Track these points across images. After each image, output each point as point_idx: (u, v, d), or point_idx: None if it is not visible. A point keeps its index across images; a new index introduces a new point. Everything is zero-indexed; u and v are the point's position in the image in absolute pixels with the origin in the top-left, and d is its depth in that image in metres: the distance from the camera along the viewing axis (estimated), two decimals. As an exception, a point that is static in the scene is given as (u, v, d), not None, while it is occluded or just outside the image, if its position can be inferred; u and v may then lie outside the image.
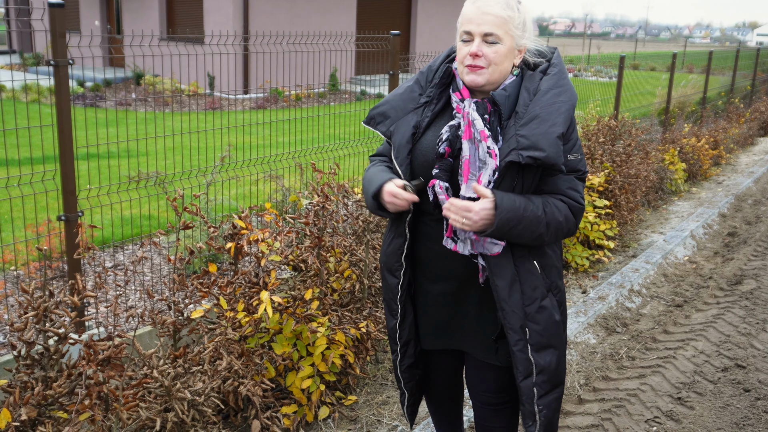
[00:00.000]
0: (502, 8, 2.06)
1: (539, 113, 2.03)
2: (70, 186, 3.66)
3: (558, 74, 2.12)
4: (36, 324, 2.57)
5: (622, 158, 6.41)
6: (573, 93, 2.10)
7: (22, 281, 4.34)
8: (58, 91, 3.60)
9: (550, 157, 1.98)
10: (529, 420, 2.25)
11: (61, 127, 3.61)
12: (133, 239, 5.78)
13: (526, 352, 2.16)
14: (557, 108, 2.04)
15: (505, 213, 2.00)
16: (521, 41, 2.12)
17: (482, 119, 2.07)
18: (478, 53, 2.07)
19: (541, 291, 2.16)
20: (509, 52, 2.10)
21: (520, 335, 2.15)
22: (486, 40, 2.07)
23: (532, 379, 2.19)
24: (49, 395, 2.56)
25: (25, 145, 8.74)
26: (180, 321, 3.19)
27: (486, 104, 2.10)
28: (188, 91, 13.55)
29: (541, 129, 2.01)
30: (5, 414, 2.30)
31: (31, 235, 5.17)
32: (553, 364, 2.21)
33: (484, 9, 2.07)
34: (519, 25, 2.09)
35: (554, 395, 2.27)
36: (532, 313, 2.15)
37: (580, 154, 2.14)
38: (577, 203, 2.13)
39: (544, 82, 2.10)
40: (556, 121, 2.02)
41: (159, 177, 5.48)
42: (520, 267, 2.14)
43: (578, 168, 2.13)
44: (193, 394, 2.86)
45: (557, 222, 2.09)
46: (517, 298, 2.13)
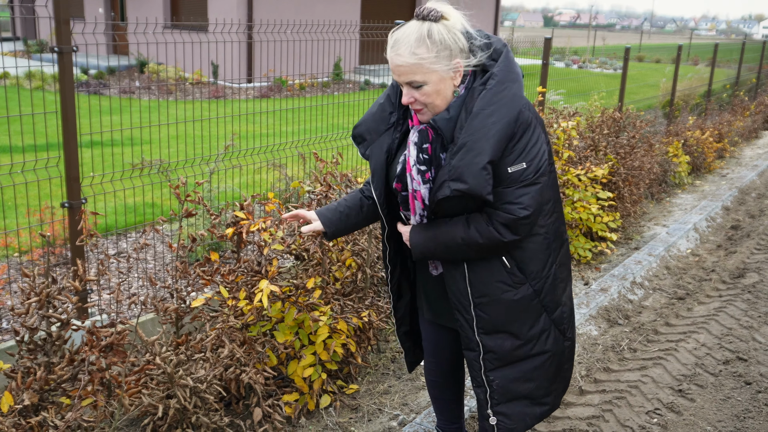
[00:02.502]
0: (410, 54, 2.00)
1: (467, 141, 2.00)
2: (74, 173, 3.66)
3: (495, 87, 2.03)
4: (39, 310, 2.58)
5: (626, 150, 6.40)
6: (511, 105, 2.01)
7: (25, 267, 4.35)
8: (62, 78, 3.59)
9: (472, 190, 2.00)
10: (475, 382, 2.34)
11: (65, 114, 3.61)
12: (136, 227, 5.78)
13: (470, 333, 2.26)
14: (485, 133, 1.99)
15: (417, 248, 2.22)
16: (449, 65, 2.04)
17: (421, 150, 2.10)
18: (410, 101, 2.08)
19: (499, 287, 2.19)
20: (440, 85, 2.05)
21: (458, 318, 2.27)
22: (412, 87, 2.06)
23: (478, 355, 2.27)
24: (51, 380, 2.57)
25: (28, 132, 8.74)
26: (182, 309, 3.20)
27: (427, 132, 2.11)
28: (192, 80, 13.53)
29: (467, 159, 1.99)
30: (7, 398, 2.31)
31: (34, 221, 5.18)
32: (506, 346, 2.25)
33: (396, 62, 2.04)
34: (438, 57, 2.01)
35: (516, 368, 2.29)
36: (481, 303, 2.21)
37: (526, 163, 2.04)
38: (511, 216, 2.07)
39: (478, 101, 2.03)
40: (482, 149, 1.98)
41: (162, 165, 5.49)
42: (474, 264, 2.19)
43: (523, 177, 2.05)
44: (195, 381, 2.87)
45: (477, 245, 2.12)
46: (460, 286, 2.22)
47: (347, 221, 2.46)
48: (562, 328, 2.37)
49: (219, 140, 6.64)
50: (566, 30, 76.93)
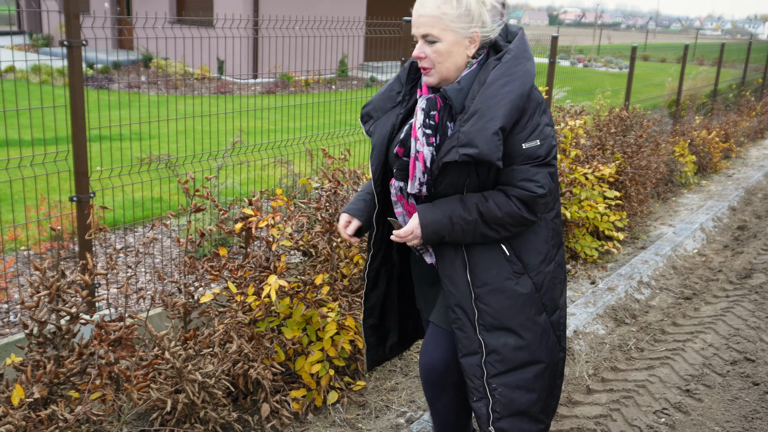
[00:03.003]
0: (435, 6, 2.06)
1: (479, 108, 2.02)
2: (83, 167, 3.66)
3: (510, 61, 2.07)
4: (48, 303, 2.58)
5: (633, 149, 6.38)
6: (524, 79, 2.06)
7: (33, 260, 4.35)
8: (71, 72, 3.59)
9: (483, 154, 1.99)
10: (474, 395, 2.24)
11: (74, 108, 3.61)
12: (143, 222, 5.79)
13: (470, 331, 2.20)
14: (499, 100, 2.01)
15: (429, 227, 2.13)
16: (468, 31, 2.09)
17: (427, 116, 2.10)
18: (420, 55, 2.11)
19: (501, 274, 2.17)
20: (453, 47, 2.08)
21: (458, 315, 2.21)
22: (426, 41, 2.09)
23: (480, 357, 2.21)
24: (61, 373, 2.57)
25: (36, 126, 8.74)
26: (190, 303, 3.20)
27: (436, 100, 2.12)
28: (197, 75, 13.53)
29: (479, 125, 2.00)
30: (18, 391, 2.31)
31: (41, 215, 5.19)
32: (510, 345, 2.20)
33: (419, 11, 2.09)
34: (459, 17, 2.06)
35: (519, 376, 2.23)
36: (482, 294, 2.17)
37: (539, 140, 2.09)
38: (529, 192, 2.09)
39: (493, 72, 2.07)
40: (494, 114, 2.00)
41: (169, 160, 5.49)
42: (473, 251, 2.18)
43: (537, 154, 2.08)
44: (203, 376, 2.87)
45: (497, 219, 2.10)
46: (460, 279, 2.19)
47: (373, 204, 2.42)
48: (558, 335, 2.34)
49: (225, 136, 6.64)
50: (571, 28, 76.82)
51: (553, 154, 2.12)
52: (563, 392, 3.47)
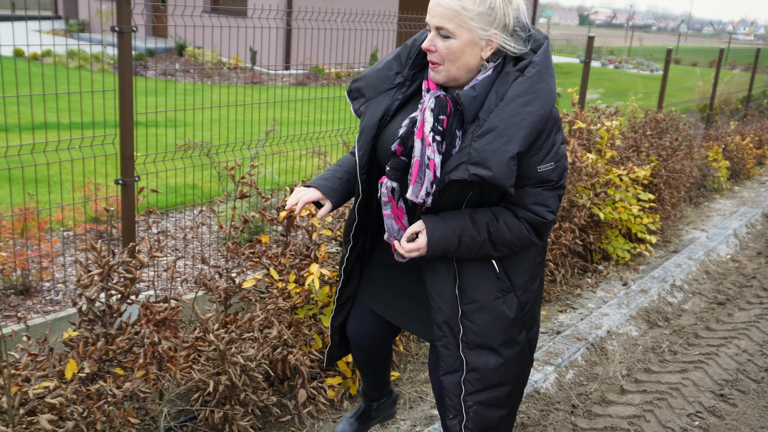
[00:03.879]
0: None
1: (498, 125, 1.85)
2: (129, 151, 3.72)
3: (534, 76, 1.89)
4: (100, 282, 2.64)
5: (668, 153, 6.35)
6: (547, 99, 1.89)
7: (90, 239, 4.45)
8: (120, 57, 3.65)
9: (496, 179, 1.84)
10: (450, 413, 2.18)
11: (122, 93, 3.67)
12: (177, 207, 5.87)
13: (453, 348, 2.11)
14: (519, 121, 1.84)
15: (437, 245, 1.97)
16: (485, 33, 1.90)
17: (437, 120, 1.91)
18: (430, 48, 1.93)
19: (490, 292, 2.06)
20: (467, 47, 1.90)
21: (444, 332, 2.10)
22: (440, 34, 1.91)
23: (460, 375, 2.13)
24: (110, 350, 2.63)
25: (74, 110, 8.88)
26: (231, 288, 3.25)
27: (447, 102, 1.93)
28: (230, 65, 13.63)
29: (495, 145, 1.85)
30: (72, 365, 2.38)
31: (81, 197, 5.28)
32: (490, 364, 2.10)
33: (438, 0, 1.90)
34: (480, 16, 1.88)
35: (493, 394, 2.15)
36: (469, 311, 2.07)
37: (554, 163, 1.94)
38: (540, 218, 1.97)
39: (515, 85, 1.89)
40: (513, 137, 1.84)
41: (206, 147, 5.56)
42: (464, 266, 2.06)
43: (549, 179, 1.95)
44: (245, 359, 2.93)
45: (505, 241, 1.99)
46: (448, 294, 2.07)
47: (348, 187, 2.25)
48: (531, 349, 2.26)
49: (258, 126, 6.70)
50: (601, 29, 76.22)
51: (565, 176, 1.99)
52: (597, 391, 3.48)
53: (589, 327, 4.06)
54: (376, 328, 2.44)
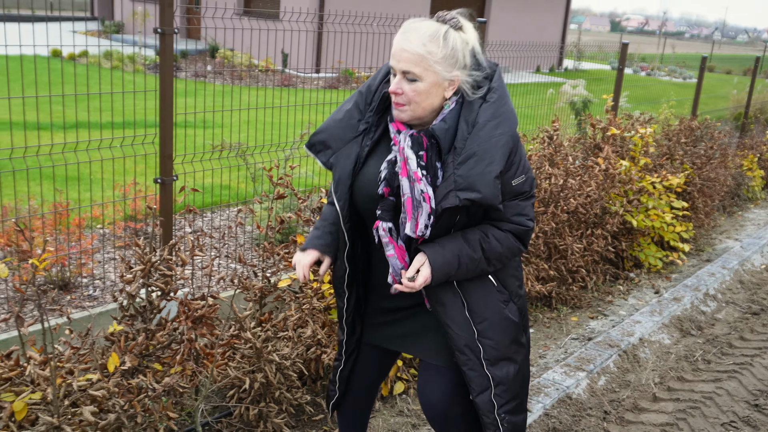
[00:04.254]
0: (422, 44, 1.96)
1: (476, 150, 1.97)
2: (168, 150, 3.79)
3: (497, 101, 2.02)
4: (142, 278, 2.70)
5: (702, 161, 6.30)
6: (512, 120, 2.03)
7: (134, 237, 4.53)
8: (162, 59, 3.73)
9: (486, 198, 1.96)
10: (489, 429, 2.24)
11: (163, 94, 3.74)
12: (209, 207, 5.95)
13: (479, 368, 2.17)
14: (495, 143, 1.97)
15: (440, 271, 2.04)
16: (449, 74, 2.00)
17: (417, 156, 2.01)
18: (397, 91, 2.01)
19: (495, 306, 2.17)
20: (432, 88, 2.00)
21: (468, 355, 2.16)
22: (406, 77, 2.00)
23: (490, 392, 2.20)
24: (150, 345, 2.69)
25: (107, 110, 9.03)
26: (267, 287, 3.30)
27: (422, 138, 2.02)
28: (262, 67, 13.75)
29: (478, 169, 1.96)
30: (114, 359, 2.44)
31: (118, 196, 5.38)
32: (511, 373, 2.22)
33: (404, 45, 1.98)
34: (444, 59, 1.98)
35: (518, 401, 2.27)
36: (483, 330, 2.15)
37: (524, 176, 2.08)
38: (522, 227, 2.11)
39: (482, 112, 2.01)
40: (493, 158, 1.96)
41: (241, 148, 5.63)
42: (469, 288, 2.15)
43: (523, 190, 2.09)
44: (280, 358, 2.97)
45: (498, 254, 2.10)
46: (462, 319, 2.15)
47: (338, 238, 2.28)
48: (528, 350, 2.36)
49: (290, 128, 6.77)
50: (633, 36, 75.52)
51: (534, 186, 2.15)
52: (629, 398, 3.47)
53: (621, 334, 4.05)
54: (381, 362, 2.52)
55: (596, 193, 4.73)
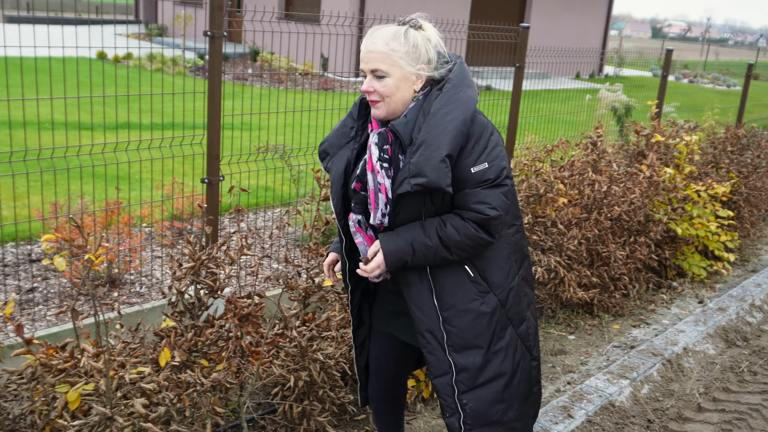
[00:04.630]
0: (385, 43, 2.14)
1: (425, 138, 2.08)
2: (215, 151, 3.85)
3: (451, 90, 2.14)
4: (192, 275, 2.75)
5: (749, 169, 6.20)
6: (466, 105, 2.12)
7: (187, 236, 4.62)
8: (211, 61, 3.79)
9: (432, 182, 2.05)
10: (447, 412, 2.30)
11: (211, 95, 3.80)
12: (250, 208, 6.02)
13: (440, 353, 2.24)
14: (443, 129, 2.07)
15: (392, 256, 2.17)
16: (413, 68, 2.16)
17: (381, 151, 2.16)
18: (368, 89, 2.17)
19: (467, 295, 2.22)
20: (400, 82, 2.15)
21: (428, 339, 2.25)
22: (375, 75, 2.16)
23: (451, 377, 2.25)
24: (199, 342, 2.74)
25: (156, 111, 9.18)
26: (311, 287, 3.34)
27: (387, 134, 2.17)
28: (302, 71, 13.87)
29: (426, 154, 2.06)
30: (166, 354, 2.49)
31: (162, 195, 5.47)
32: (477, 362, 2.24)
33: (369, 47, 2.16)
34: (407, 54, 2.14)
35: (488, 390, 2.27)
36: (449, 317, 2.22)
37: (488, 163, 2.13)
38: (482, 215, 2.13)
39: (435, 102, 2.13)
40: (440, 143, 2.06)
41: (283, 150, 5.69)
42: (439, 275, 2.22)
43: (486, 178, 2.13)
44: (324, 357, 3.00)
45: (456, 242, 2.15)
46: (427, 305, 2.23)
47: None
48: (528, 345, 2.38)
49: (329, 131, 6.82)
50: (675, 42, 74.44)
51: (504, 175, 2.16)
52: (673, 407, 3.44)
53: (664, 343, 4.00)
54: (394, 350, 2.54)
55: (640, 201, 4.68)
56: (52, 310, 4.00)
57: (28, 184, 4.30)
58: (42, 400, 2.50)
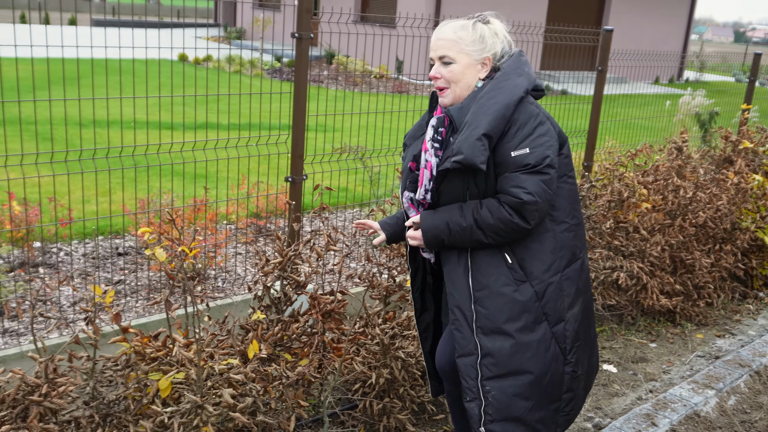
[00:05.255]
0: (453, 32, 2.28)
1: (469, 119, 2.20)
2: (299, 151, 3.94)
3: (500, 77, 2.26)
4: (280, 271, 2.82)
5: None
6: (512, 91, 2.21)
7: (276, 232, 4.74)
8: (298, 61, 3.87)
9: (466, 158, 2.14)
10: (467, 395, 2.31)
11: (297, 96, 3.89)
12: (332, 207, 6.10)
13: (467, 332, 2.28)
14: (485, 110, 2.17)
15: (429, 232, 2.29)
16: (481, 55, 2.28)
17: (436, 132, 2.30)
18: (436, 75, 2.30)
19: (501, 280, 2.25)
20: (467, 69, 2.28)
21: (457, 315, 2.30)
22: (443, 62, 2.29)
23: (476, 359, 2.27)
24: (285, 336, 2.81)
25: (224, 111, 9.42)
26: (392, 286, 3.37)
27: (444, 118, 2.30)
28: (377, 74, 13.99)
29: (466, 133, 2.17)
30: (254, 346, 2.56)
31: (243, 194, 5.61)
32: (505, 349, 2.25)
33: (438, 35, 2.30)
34: (473, 42, 2.27)
35: (514, 382, 2.26)
36: (481, 297, 2.26)
37: (529, 149, 2.18)
38: (516, 199, 2.17)
39: (484, 88, 2.26)
40: (479, 123, 2.16)
41: (361, 152, 5.76)
42: (477, 255, 2.28)
43: (525, 162, 2.17)
44: (405, 355, 3.03)
45: (490, 225, 2.20)
46: (461, 282, 2.29)
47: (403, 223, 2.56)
48: (563, 347, 2.33)
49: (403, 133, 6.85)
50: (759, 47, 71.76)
51: (545, 163, 2.19)
52: (762, 420, 3.33)
53: (752, 354, 3.88)
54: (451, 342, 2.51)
55: (727, 208, 4.55)
56: (139, 302, 4.16)
57: (110, 181, 4.48)
58: (135, 387, 2.61)
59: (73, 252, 4.78)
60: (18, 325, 3.79)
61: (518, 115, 2.20)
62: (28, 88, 10.17)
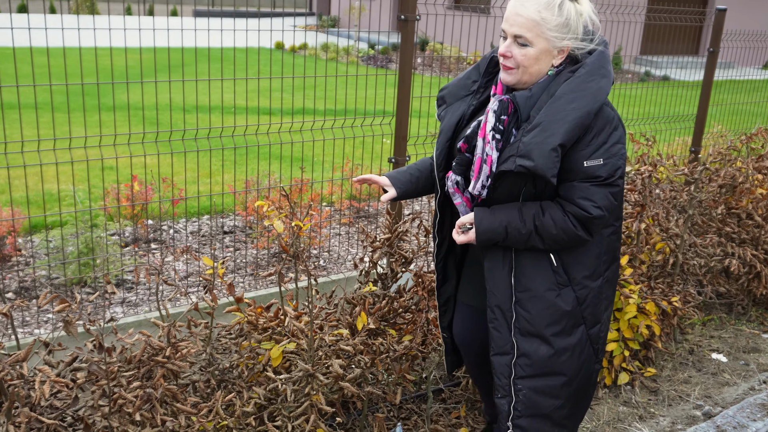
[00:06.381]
0: (536, 10, 2.00)
1: (543, 121, 1.99)
2: (403, 132, 3.97)
3: (584, 76, 2.02)
4: (388, 247, 2.87)
5: None
6: (595, 96, 1.99)
7: (388, 209, 4.82)
8: (403, 43, 3.90)
9: (537, 168, 1.96)
10: (499, 392, 2.27)
11: (402, 78, 3.92)
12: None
13: (505, 331, 2.21)
14: (563, 117, 1.97)
15: (484, 234, 2.12)
16: (560, 43, 2.04)
17: (498, 120, 2.07)
18: (506, 54, 2.05)
19: (545, 283, 2.15)
20: (542, 55, 2.04)
21: (496, 315, 2.21)
22: (517, 41, 2.04)
23: (511, 359, 2.22)
24: (392, 310, 2.85)
25: (320, 97, 9.58)
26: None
27: (509, 104, 2.07)
28: (470, 61, 13.89)
29: (539, 138, 1.97)
30: (363, 318, 2.62)
31: (341, 176, 5.71)
32: (542, 353, 2.18)
33: (518, 10, 2.02)
34: (557, 27, 2.01)
35: (546, 382, 2.21)
36: (523, 299, 2.17)
37: (603, 159, 2.01)
38: (585, 212, 2.03)
39: (564, 85, 2.02)
40: (556, 131, 1.96)
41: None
42: (522, 255, 2.16)
43: (597, 174, 2.02)
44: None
45: (551, 234, 2.07)
46: (503, 281, 2.18)
47: (417, 183, 2.42)
48: (596, 348, 2.30)
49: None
50: None
51: (617, 175, 2.04)
52: None
53: None
54: (480, 327, 2.45)
55: None
56: (246, 278, 4.31)
57: (210, 162, 4.62)
58: (247, 355, 2.72)
59: (181, 230, 5.00)
60: (134, 296, 4.01)
61: (596, 121, 2.02)
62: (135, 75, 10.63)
